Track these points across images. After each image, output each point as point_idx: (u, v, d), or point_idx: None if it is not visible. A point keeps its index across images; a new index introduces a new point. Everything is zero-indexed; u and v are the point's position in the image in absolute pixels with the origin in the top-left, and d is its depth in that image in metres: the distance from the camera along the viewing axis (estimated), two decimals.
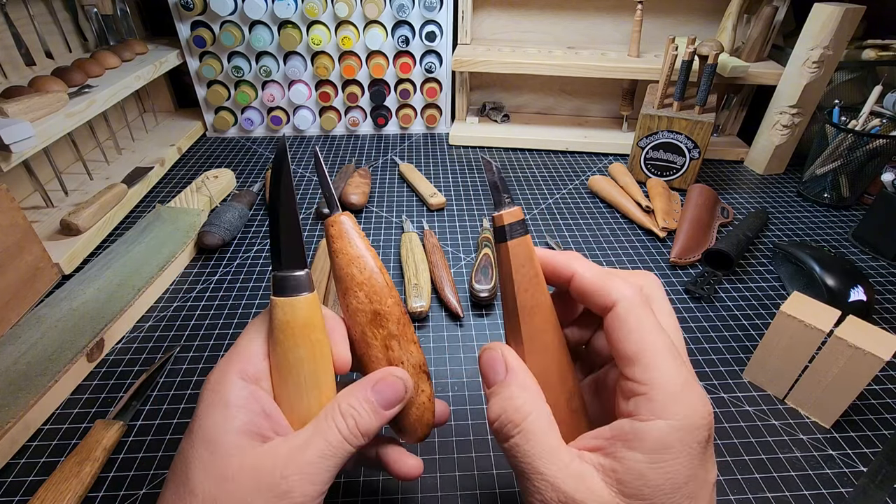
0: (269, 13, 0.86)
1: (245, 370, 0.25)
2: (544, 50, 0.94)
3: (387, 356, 0.28)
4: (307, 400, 0.26)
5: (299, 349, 0.25)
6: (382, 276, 0.28)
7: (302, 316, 0.25)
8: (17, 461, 0.41)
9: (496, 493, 0.40)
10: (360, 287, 0.27)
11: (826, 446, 0.44)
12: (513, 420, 0.23)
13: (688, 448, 0.20)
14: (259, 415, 0.24)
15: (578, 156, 0.94)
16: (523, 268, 0.25)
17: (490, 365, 0.25)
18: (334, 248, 0.28)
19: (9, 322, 0.52)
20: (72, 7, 0.82)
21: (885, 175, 0.69)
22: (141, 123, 0.95)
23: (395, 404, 0.27)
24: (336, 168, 0.88)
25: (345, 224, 0.28)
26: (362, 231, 0.29)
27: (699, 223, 0.69)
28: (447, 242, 0.69)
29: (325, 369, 0.26)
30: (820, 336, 0.43)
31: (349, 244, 0.28)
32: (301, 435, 0.25)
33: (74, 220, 0.63)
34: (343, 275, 0.28)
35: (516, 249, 0.25)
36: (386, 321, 0.28)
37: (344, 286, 0.28)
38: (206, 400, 0.24)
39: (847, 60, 0.83)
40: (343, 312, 0.28)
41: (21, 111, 0.58)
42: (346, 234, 0.28)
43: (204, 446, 0.23)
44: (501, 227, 0.25)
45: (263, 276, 0.62)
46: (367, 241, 0.28)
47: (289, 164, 0.26)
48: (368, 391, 0.26)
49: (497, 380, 0.25)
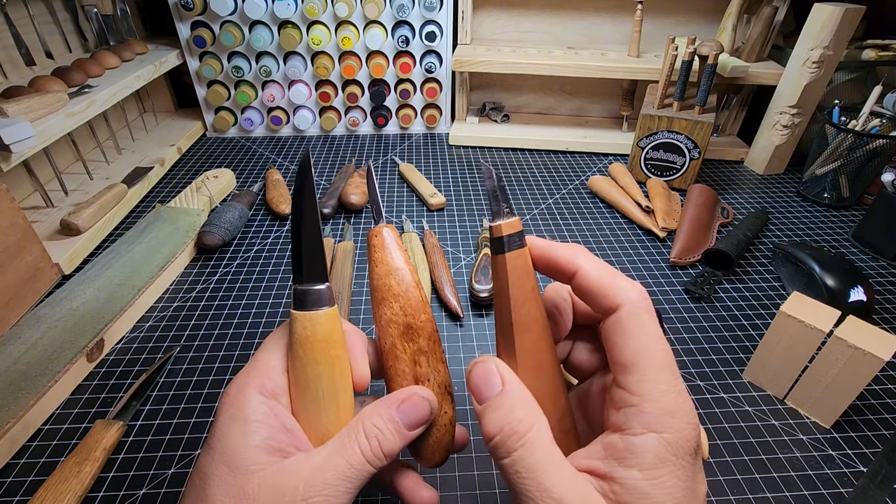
0: (269, 13, 0.86)
1: (264, 385, 0.25)
2: (544, 50, 0.94)
3: (414, 371, 0.27)
4: (325, 416, 0.25)
5: (318, 365, 0.25)
6: (419, 291, 0.28)
7: (322, 331, 0.25)
8: (17, 461, 0.41)
9: (496, 493, 0.40)
10: (396, 299, 0.27)
11: (826, 446, 0.44)
12: (517, 432, 0.21)
13: (682, 461, 0.20)
14: (279, 430, 0.24)
15: (578, 156, 0.94)
16: (520, 281, 0.24)
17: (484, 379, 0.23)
18: (374, 257, 0.28)
19: (9, 322, 0.52)
20: (72, 7, 0.82)
21: (885, 175, 0.69)
22: (141, 123, 0.95)
23: (419, 425, 0.26)
24: (336, 168, 0.88)
25: (387, 236, 0.28)
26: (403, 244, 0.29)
27: (699, 223, 0.69)
28: (447, 242, 0.69)
29: (344, 385, 0.26)
30: (820, 336, 0.43)
31: (389, 256, 0.28)
32: (322, 453, 0.24)
33: (74, 220, 0.63)
34: (380, 285, 0.28)
35: (514, 262, 0.24)
36: (417, 336, 0.27)
37: (380, 296, 0.28)
38: (224, 414, 0.24)
39: (847, 60, 0.83)
40: (375, 322, 0.28)
41: (21, 111, 0.58)
42: (387, 245, 0.28)
43: (224, 462, 0.23)
44: (500, 239, 0.24)
45: (263, 276, 0.62)
46: (407, 255, 0.28)
47: (312, 178, 0.26)
48: (394, 411, 0.25)
49: (491, 394, 0.23)
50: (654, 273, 0.64)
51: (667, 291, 0.61)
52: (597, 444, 0.21)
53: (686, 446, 0.20)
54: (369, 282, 0.29)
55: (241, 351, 0.52)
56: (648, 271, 0.64)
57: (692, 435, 0.20)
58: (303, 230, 0.26)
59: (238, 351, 0.52)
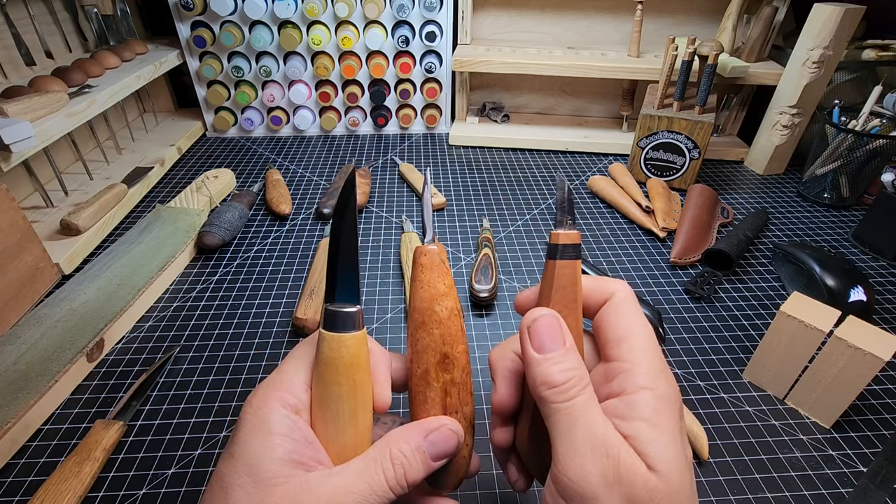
0: (269, 13, 0.86)
1: (286, 399, 0.25)
2: (544, 50, 0.94)
3: (443, 401, 0.27)
4: (343, 435, 0.25)
5: (341, 387, 0.25)
6: (460, 320, 0.27)
7: (348, 354, 0.25)
8: (17, 461, 0.41)
9: (496, 494, 0.40)
10: (438, 326, 0.27)
11: (826, 446, 0.44)
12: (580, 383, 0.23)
13: (674, 415, 0.23)
14: (302, 443, 0.24)
15: (578, 156, 0.94)
16: (564, 290, 0.25)
17: (550, 331, 0.24)
18: (420, 278, 0.27)
19: (9, 322, 0.52)
20: (72, 7, 0.83)
21: (885, 175, 0.69)
22: (141, 123, 0.95)
23: (445, 457, 0.26)
24: (336, 168, 0.88)
25: (436, 257, 0.27)
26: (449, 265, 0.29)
27: (699, 223, 0.69)
28: (447, 242, 0.69)
29: (364, 408, 0.26)
30: (820, 336, 0.43)
31: (438, 279, 0.27)
32: (345, 473, 0.24)
33: (74, 220, 0.63)
34: (423, 308, 0.27)
35: (562, 270, 0.25)
36: (452, 367, 0.27)
37: (421, 319, 0.27)
38: (247, 424, 0.24)
39: (847, 60, 0.83)
40: (410, 344, 0.28)
41: (21, 111, 0.58)
42: (436, 267, 0.27)
43: (247, 473, 0.23)
44: (554, 246, 0.26)
45: (263, 276, 0.62)
46: (452, 279, 0.28)
47: (356, 200, 0.26)
48: (422, 440, 0.25)
49: (556, 347, 0.24)
50: (654, 273, 0.64)
51: (667, 291, 0.61)
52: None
53: (675, 400, 0.23)
54: (410, 302, 0.28)
55: (241, 351, 0.52)
56: (648, 271, 0.64)
57: (678, 394, 0.24)
58: (340, 252, 0.26)
59: (238, 351, 0.52)
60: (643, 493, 0.21)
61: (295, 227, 0.71)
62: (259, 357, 0.51)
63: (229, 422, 0.44)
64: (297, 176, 0.85)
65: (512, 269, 0.64)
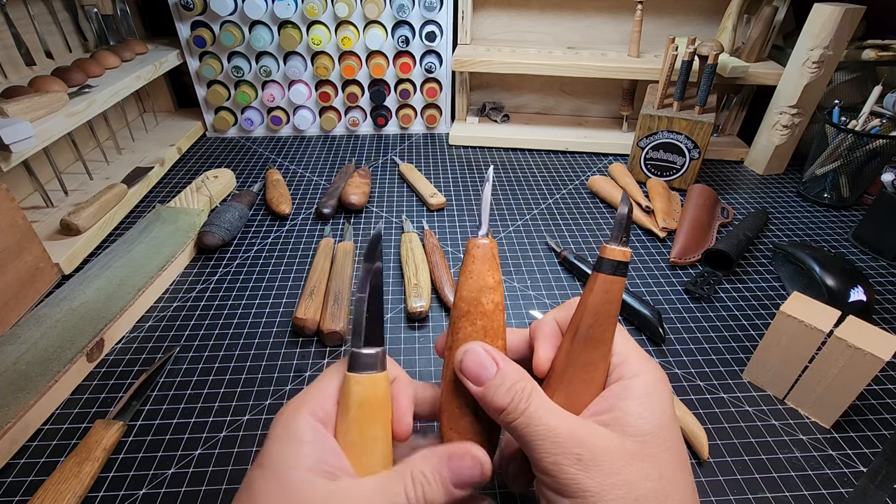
0: (269, 13, 0.86)
1: (315, 411, 0.26)
2: (544, 50, 0.94)
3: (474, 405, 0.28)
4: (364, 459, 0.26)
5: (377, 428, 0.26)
6: (503, 315, 0.28)
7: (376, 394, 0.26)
8: (16, 461, 0.41)
9: (496, 494, 0.40)
10: (482, 317, 0.28)
11: (826, 446, 0.44)
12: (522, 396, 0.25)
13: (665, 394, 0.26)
14: (329, 452, 0.25)
15: (578, 156, 0.94)
16: (605, 305, 0.26)
17: (478, 364, 0.26)
18: (471, 269, 0.28)
19: (9, 322, 0.52)
20: (72, 7, 0.83)
21: (885, 175, 0.69)
22: (141, 123, 0.95)
23: (466, 486, 0.26)
24: (336, 168, 0.88)
25: (489, 251, 0.28)
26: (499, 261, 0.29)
27: (699, 223, 0.69)
28: (447, 242, 0.69)
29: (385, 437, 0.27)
30: (820, 336, 0.43)
31: (488, 272, 0.28)
32: (367, 485, 0.25)
33: (74, 220, 0.63)
34: (470, 298, 0.28)
35: (605, 284, 0.26)
36: None
37: (466, 309, 0.28)
38: (277, 433, 0.25)
39: (847, 60, 0.83)
40: (451, 332, 0.28)
41: (21, 111, 0.58)
42: (488, 260, 0.28)
43: (275, 480, 0.24)
44: (602, 259, 0.27)
45: (263, 276, 0.62)
46: (501, 275, 0.28)
47: (381, 255, 0.28)
48: (444, 466, 0.25)
49: (489, 375, 0.26)
50: (654, 273, 0.64)
51: (667, 291, 0.61)
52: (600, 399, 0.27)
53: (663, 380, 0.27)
54: (457, 291, 0.28)
55: (241, 351, 0.52)
56: (648, 271, 0.64)
57: (664, 374, 0.27)
58: (370, 304, 0.27)
59: (238, 351, 0.52)
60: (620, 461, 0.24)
61: (295, 227, 0.71)
62: (259, 357, 0.51)
63: (229, 422, 0.44)
64: (297, 176, 0.85)
65: (512, 270, 0.64)
